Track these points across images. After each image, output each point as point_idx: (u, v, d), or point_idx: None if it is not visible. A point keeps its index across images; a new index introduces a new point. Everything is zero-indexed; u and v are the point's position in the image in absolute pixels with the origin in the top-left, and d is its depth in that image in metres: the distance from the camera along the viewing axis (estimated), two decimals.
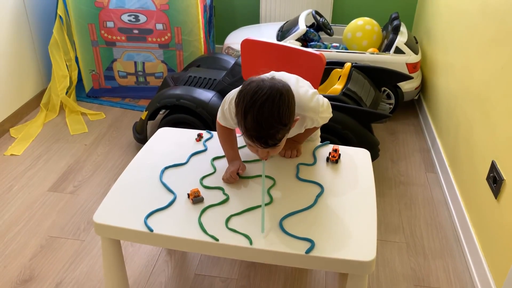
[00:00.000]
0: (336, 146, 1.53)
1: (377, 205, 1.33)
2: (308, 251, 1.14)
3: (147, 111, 2.45)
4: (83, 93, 3.15)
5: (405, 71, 2.75)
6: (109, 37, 2.94)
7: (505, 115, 1.64)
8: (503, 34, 1.75)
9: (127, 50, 2.99)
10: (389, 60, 2.75)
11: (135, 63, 3.03)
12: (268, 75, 1.29)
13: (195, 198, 1.30)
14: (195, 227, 1.22)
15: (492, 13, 1.90)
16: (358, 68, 2.47)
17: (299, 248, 1.15)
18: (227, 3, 3.61)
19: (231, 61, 2.72)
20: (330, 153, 1.51)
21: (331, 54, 2.75)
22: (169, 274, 1.77)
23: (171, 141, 1.61)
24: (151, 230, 1.21)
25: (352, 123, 2.16)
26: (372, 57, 2.76)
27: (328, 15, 3.48)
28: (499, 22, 1.80)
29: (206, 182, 1.40)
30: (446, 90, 2.47)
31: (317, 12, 3.12)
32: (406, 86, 2.82)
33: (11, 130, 2.71)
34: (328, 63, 2.40)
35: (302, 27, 2.88)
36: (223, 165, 1.46)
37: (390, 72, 2.55)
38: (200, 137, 1.61)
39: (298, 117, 1.28)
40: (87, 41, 2.96)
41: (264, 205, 1.26)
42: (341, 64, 2.51)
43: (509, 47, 1.67)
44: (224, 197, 1.33)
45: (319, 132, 1.69)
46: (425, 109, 2.86)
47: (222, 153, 1.50)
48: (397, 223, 2.06)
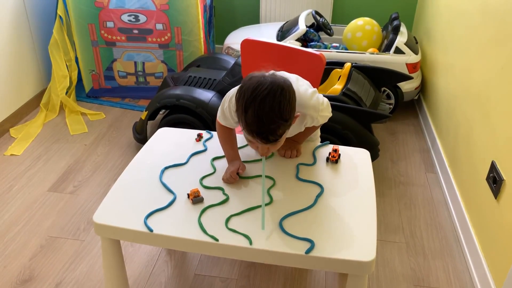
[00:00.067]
0: (336, 146, 1.53)
1: (377, 205, 1.33)
2: (308, 251, 1.14)
3: (147, 111, 2.45)
4: (83, 93, 3.15)
5: (405, 71, 2.75)
6: (109, 37, 2.94)
7: (505, 115, 1.65)
8: (503, 34, 1.75)
9: (127, 50, 2.99)
10: (389, 60, 2.75)
11: (135, 63, 3.03)
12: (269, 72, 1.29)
13: (195, 198, 1.30)
14: (195, 227, 1.22)
15: (492, 13, 1.90)
16: (358, 68, 2.47)
17: (299, 248, 1.15)
18: (227, 3, 3.61)
19: (231, 61, 2.72)
20: (330, 153, 1.51)
21: (331, 54, 2.75)
22: (169, 274, 1.77)
23: (171, 141, 1.61)
24: (151, 230, 1.21)
25: (352, 123, 2.16)
26: (372, 57, 2.76)
27: (328, 15, 3.48)
28: (499, 22, 1.80)
29: (206, 182, 1.40)
30: (446, 90, 2.47)
31: (317, 12, 3.12)
32: (406, 86, 2.82)
33: (11, 130, 2.71)
34: (328, 63, 2.40)
35: (302, 27, 2.88)
36: (223, 165, 1.46)
37: (390, 72, 2.55)
38: (200, 137, 1.61)
39: (298, 113, 1.28)
40: (87, 41, 2.96)
41: (264, 202, 1.26)
42: (341, 64, 2.51)
43: (509, 47, 1.67)
44: (224, 197, 1.33)
45: (319, 132, 1.68)
46: (425, 109, 2.86)
47: (222, 153, 1.50)
48: (397, 223, 2.06)
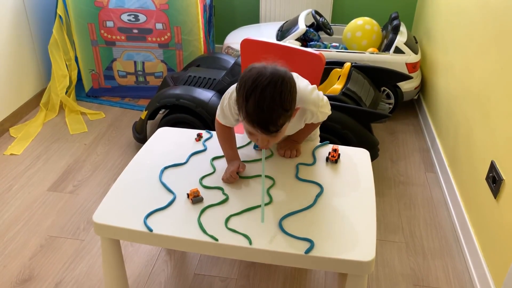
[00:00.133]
0: (335, 146, 1.54)
1: (377, 204, 1.33)
2: (307, 251, 1.14)
3: (146, 111, 2.45)
4: (82, 92, 3.15)
5: (404, 71, 2.75)
6: (109, 36, 2.94)
7: (504, 115, 1.65)
8: (503, 34, 1.75)
9: (127, 50, 2.99)
10: (389, 60, 2.75)
11: (135, 62, 3.03)
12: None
13: (195, 198, 1.30)
14: (194, 227, 1.22)
15: (492, 12, 1.90)
16: (358, 68, 2.47)
17: (299, 248, 1.15)
18: (227, 3, 3.61)
19: (231, 60, 2.72)
20: (329, 153, 1.51)
21: (330, 54, 2.75)
22: (168, 274, 1.77)
23: (170, 141, 1.61)
24: (151, 230, 1.21)
25: (352, 123, 2.16)
26: (372, 56, 2.76)
27: (327, 15, 3.48)
28: (499, 21, 1.80)
29: (206, 182, 1.40)
30: (446, 90, 2.47)
31: (316, 12, 3.12)
32: (406, 86, 2.82)
33: (10, 130, 2.71)
34: (327, 63, 2.40)
35: (301, 26, 2.88)
36: (222, 165, 1.46)
37: (390, 72, 2.55)
38: (199, 137, 1.61)
39: (299, 106, 1.29)
40: (87, 41, 2.96)
41: (264, 195, 1.27)
42: (340, 64, 2.51)
43: (509, 47, 1.67)
44: (224, 197, 1.33)
45: (318, 131, 1.69)
46: (424, 109, 2.86)
47: (222, 153, 1.50)
48: (396, 223, 2.06)
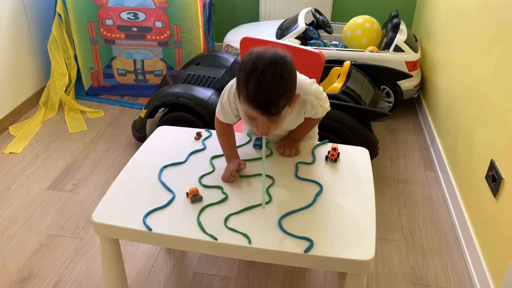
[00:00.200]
0: (335, 145, 1.53)
1: (376, 203, 1.33)
2: (306, 250, 1.14)
3: (146, 109, 2.45)
4: (82, 91, 3.14)
5: (404, 69, 2.74)
6: (108, 35, 2.93)
7: (504, 113, 1.64)
8: (502, 32, 1.74)
9: (126, 48, 2.99)
10: (389, 58, 2.75)
11: (134, 61, 3.03)
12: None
13: (194, 197, 1.30)
14: (194, 226, 1.22)
15: (491, 11, 1.89)
16: (358, 66, 2.46)
17: (298, 247, 1.15)
18: (226, 1, 3.61)
19: (231, 59, 2.71)
20: (329, 152, 1.51)
21: (330, 52, 2.75)
22: (168, 273, 1.77)
23: (170, 140, 1.60)
24: (150, 229, 1.21)
25: (351, 122, 2.15)
26: (372, 55, 2.76)
27: (327, 13, 3.47)
28: (499, 20, 1.79)
29: (205, 181, 1.39)
30: (446, 89, 2.47)
31: (316, 10, 3.11)
32: (406, 85, 2.81)
33: (10, 128, 2.70)
34: (327, 61, 2.40)
35: (301, 25, 2.88)
36: (222, 164, 1.46)
37: (390, 71, 2.55)
38: (199, 135, 1.61)
39: (299, 93, 1.29)
40: (86, 39, 2.95)
41: (264, 180, 1.29)
42: (340, 62, 2.51)
43: (509, 46, 1.66)
44: (223, 196, 1.32)
45: (316, 129, 1.69)
46: (424, 107, 2.86)
47: (221, 152, 1.49)
48: (396, 221, 2.06)
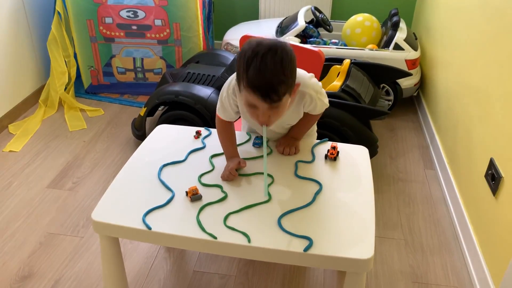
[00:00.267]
0: (334, 144, 1.53)
1: (376, 201, 1.33)
2: (306, 249, 1.14)
3: (145, 108, 2.45)
4: (81, 89, 3.14)
5: (404, 67, 2.74)
6: (108, 33, 2.93)
7: (504, 112, 1.64)
8: (502, 30, 1.74)
9: (126, 46, 2.99)
10: (388, 57, 2.75)
11: (134, 59, 3.03)
12: None
13: (194, 196, 1.30)
14: (193, 225, 1.22)
15: (491, 9, 1.89)
16: (357, 64, 2.46)
17: (297, 246, 1.15)
18: None
19: (230, 57, 2.71)
20: (328, 151, 1.51)
21: (330, 51, 2.75)
22: (167, 271, 1.77)
23: (169, 138, 1.60)
24: (150, 228, 1.21)
25: (351, 120, 2.15)
26: (371, 53, 2.76)
27: (327, 11, 3.47)
28: (499, 18, 1.79)
29: (205, 179, 1.39)
30: (445, 87, 2.46)
31: (316, 8, 3.11)
32: (405, 83, 2.81)
33: (9, 127, 2.70)
34: (327, 60, 2.40)
35: (301, 23, 2.88)
36: (221, 162, 1.46)
37: (389, 69, 2.55)
38: (198, 134, 1.61)
39: (299, 82, 1.29)
40: (86, 37, 2.95)
41: (266, 168, 1.30)
42: (340, 61, 2.50)
43: (509, 44, 1.66)
44: (223, 194, 1.33)
45: (315, 127, 1.69)
46: (424, 105, 2.86)
47: (221, 151, 1.49)
48: (395, 219, 2.06)
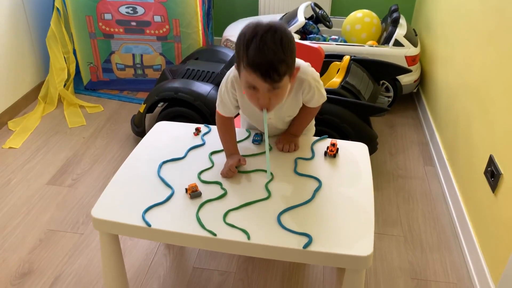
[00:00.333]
0: (334, 140, 1.53)
1: (375, 198, 1.33)
2: (305, 246, 1.14)
3: (145, 104, 2.44)
4: (81, 85, 3.14)
5: (404, 64, 2.74)
6: (107, 29, 2.92)
7: (504, 109, 1.64)
8: (503, 27, 1.74)
9: (125, 43, 2.98)
10: (388, 53, 2.74)
11: (133, 55, 3.02)
12: None
13: (193, 193, 1.30)
14: (193, 222, 1.22)
15: (492, 5, 1.89)
16: (357, 61, 2.46)
17: (297, 243, 1.16)
18: None
19: (230, 53, 2.71)
20: (328, 147, 1.51)
21: (329, 47, 2.74)
22: (167, 267, 1.77)
23: (169, 135, 1.60)
24: (149, 225, 1.21)
25: (351, 117, 2.15)
26: (371, 49, 2.75)
27: (327, 7, 3.46)
28: (500, 15, 1.79)
29: (204, 176, 1.39)
30: (445, 84, 2.46)
31: (316, 4, 3.10)
32: (405, 79, 2.81)
33: (9, 123, 2.70)
34: (326, 56, 2.39)
35: (301, 19, 2.87)
36: (221, 159, 1.46)
37: (389, 65, 2.54)
38: (198, 131, 1.61)
39: (298, 66, 1.31)
40: (85, 34, 2.94)
41: (267, 146, 1.32)
42: (339, 57, 2.50)
43: (509, 41, 1.66)
44: (222, 191, 1.33)
45: (313, 121, 1.69)
46: (424, 102, 2.85)
47: (220, 147, 1.49)
48: (395, 216, 2.07)
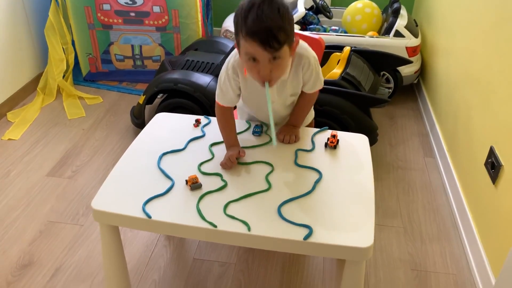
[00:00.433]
0: (334, 132, 1.53)
1: (375, 189, 1.33)
2: (306, 237, 1.14)
3: (144, 96, 2.44)
4: (80, 76, 3.12)
5: (404, 54, 2.73)
6: (106, 20, 2.90)
7: (504, 100, 1.64)
8: (504, 18, 1.73)
9: (124, 33, 2.96)
10: (389, 44, 2.73)
11: (132, 46, 3.00)
12: None
13: (193, 184, 1.30)
14: (193, 213, 1.22)
15: None
16: (357, 52, 2.45)
17: (297, 235, 1.16)
18: None
19: (229, 44, 2.69)
20: (328, 139, 1.50)
21: (330, 38, 2.73)
22: (168, 259, 1.78)
23: (168, 127, 1.60)
24: (149, 217, 1.21)
25: (351, 108, 2.15)
26: (372, 40, 2.74)
27: None
28: (501, 5, 1.77)
29: (204, 168, 1.39)
30: (446, 75, 2.45)
31: None
32: (406, 70, 2.80)
33: (8, 114, 2.69)
34: (327, 47, 2.38)
35: (301, 10, 2.85)
36: (221, 151, 1.45)
37: (390, 56, 2.53)
38: (198, 122, 1.61)
39: (297, 39, 1.31)
40: (84, 24, 2.92)
41: (271, 116, 1.32)
42: (340, 48, 2.49)
43: (510, 31, 1.65)
44: (223, 183, 1.32)
45: (313, 111, 1.68)
46: (424, 93, 2.85)
47: (220, 139, 1.49)
48: (394, 207, 2.07)
